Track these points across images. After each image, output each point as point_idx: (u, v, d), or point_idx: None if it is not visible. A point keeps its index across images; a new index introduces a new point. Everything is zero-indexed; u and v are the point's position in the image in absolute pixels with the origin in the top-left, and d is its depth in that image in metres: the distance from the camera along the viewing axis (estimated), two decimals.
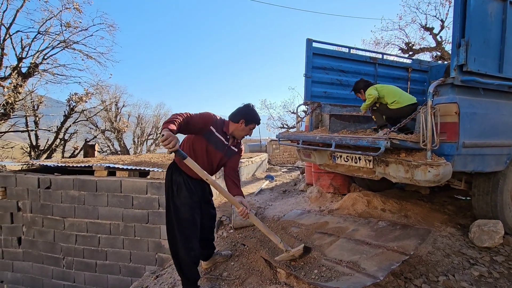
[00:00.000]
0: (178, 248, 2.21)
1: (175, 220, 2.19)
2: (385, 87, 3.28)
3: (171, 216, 2.21)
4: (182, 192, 2.18)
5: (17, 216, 4.26)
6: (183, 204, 2.19)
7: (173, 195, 2.20)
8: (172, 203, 2.20)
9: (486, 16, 2.18)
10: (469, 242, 2.58)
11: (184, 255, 2.21)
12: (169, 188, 2.23)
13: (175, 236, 2.20)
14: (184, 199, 2.18)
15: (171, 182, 2.21)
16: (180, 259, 2.23)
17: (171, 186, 2.22)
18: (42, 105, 10.69)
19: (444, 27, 10.89)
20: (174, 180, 2.20)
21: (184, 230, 2.20)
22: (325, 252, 2.43)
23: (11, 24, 8.62)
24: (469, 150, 2.20)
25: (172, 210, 2.21)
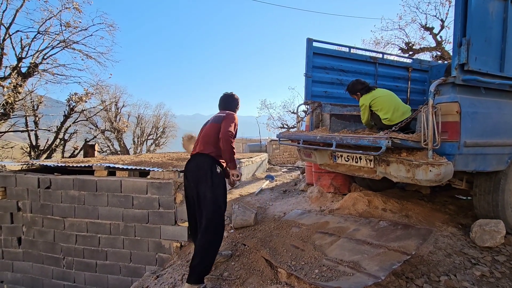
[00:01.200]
0: (220, 239, 2.45)
1: (225, 209, 2.50)
2: (379, 99, 3.12)
3: (225, 204, 2.50)
4: (225, 185, 2.53)
5: (17, 216, 4.25)
6: (226, 196, 2.56)
7: (225, 188, 2.49)
8: (225, 194, 2.50)
9: (487, 15, 2.17)
10: (470, 242, 2.58)
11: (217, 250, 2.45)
12: (224, 178, 2.53)
13: (223, 227, 2.48)
14: (226, 191, 2.55)
15: (223, 174, 2.52)
16: (215, 252, 2.41)
17: (223, 177, 2.52)
18: (42, 105, 10.68)
19: (444, 27, 10.89)
20: (223, 173, 2.53)
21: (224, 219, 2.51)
22: (326, 252, 2.43)
23: (11, 24, 8.62)
24: (471, 149, 2.20)
25: (224, 200, 2.50)
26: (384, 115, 3.06)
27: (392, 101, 3.11)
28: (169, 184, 3.64)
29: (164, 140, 23.34)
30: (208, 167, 2.39)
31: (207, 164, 2.41)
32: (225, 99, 2.82)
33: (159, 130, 23.10)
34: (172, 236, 3.62)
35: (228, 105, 2.79)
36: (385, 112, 3.06)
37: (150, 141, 22.55)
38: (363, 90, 3.29)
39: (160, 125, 23.28)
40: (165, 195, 3.65)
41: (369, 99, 3.16)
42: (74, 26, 9.54)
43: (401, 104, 3.12)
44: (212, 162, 2.43)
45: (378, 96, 3.14)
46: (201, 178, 2.38)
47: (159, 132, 23.02)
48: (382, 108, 3.08)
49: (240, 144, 16.66)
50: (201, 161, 2.44)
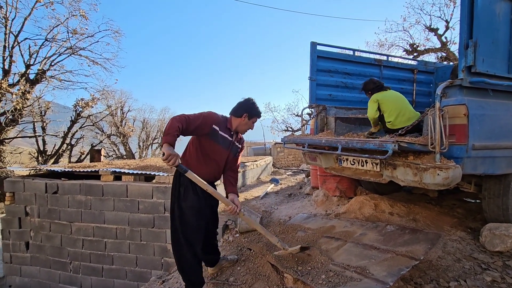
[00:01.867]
0: (182, 252, 2.19)
1: (180, 223, 2.17)
2: (386, 102, 3.08)
3: (176, 219, 2.19)
4: (189, 195, 2.15)
5: (25, 221, 4.30)
6: (188, 207, 2.16)
7: (179, 197, 2.16)
8: (178, 206, 2.17)
9: (494, 16, 2.15)
10: (480, 246, 2.53)
11: (189, 260, 2.20)
12: (175, 190, 2.19)
13: (179, 240, 2.18)
14: (190, 202, 2.15)
15: (179, 184, 2.17)
16: (184, 263, 2.22)
17: (178, 188, 2.17)
18: (49, 110, 10.86)
19: (449, 28, 10.82)
20: (182, 182, 2.15)
21: (188, 234, 2.17)
22: (332, 257, 2.40)
23: (19, 32, 8.81)
24: (479, 152, 2.16)
25: (177, 213, 2.18)
26: (387, 118, 3.05)
27: (400, 105, 3.06)
28: None
29: None
30: (176, 178, 2.24)
31: (176, 174, 2.25)
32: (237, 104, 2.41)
33: (160, 141, 23.30)
34: None
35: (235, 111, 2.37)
36: (388, 115, 3.04)
37: (155, 145, 22.72)
38: (374, 90, 3.27)
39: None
40: (170, 197, 3.66)
41: (379, 96, 3.14)
42: (80, 33, 9.73)
43: (408, 109, 3.05)
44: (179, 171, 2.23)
45: (387, 98, 3.11)
46: (171, 189, 2.29)
47: (160, 144, 23.22)
48: (387, 110, 3.06)
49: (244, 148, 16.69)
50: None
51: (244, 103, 2.32)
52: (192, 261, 2.20)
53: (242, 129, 2.38)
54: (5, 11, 8.34)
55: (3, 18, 8.34)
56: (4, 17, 8.34)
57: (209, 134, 2.16)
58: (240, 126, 2.34)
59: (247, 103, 2.32)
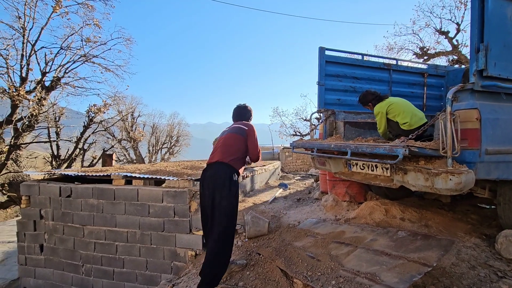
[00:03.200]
0: (230, 251, 2.46)
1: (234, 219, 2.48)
2: (394, 105, 3.08)
3: (229, 215, 2.42)
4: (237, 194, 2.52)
5: (40, 223, 4.41)
6: (236, 205, 2.53)
7: (237, 197, 2.50)
8: (230, 203, 2.43)
9: (505, 19, 2.12)
10: (495, 253, 2.46)
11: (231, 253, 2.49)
12: (238, 191, 2.51)
13: (232, 235, 2.47)
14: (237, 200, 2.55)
15: (239, 184, 2.54)
16: (227, 261, 2.42)
17: (239, 187, 2.54)
18: (63, 116, 11.17)
19: (460, 30, 10.66)
20: (234, 182, 2.48)
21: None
22: (342, 263, 2.38)
23: (36, 41, 9.13)
24: (493, 157, 2.12)
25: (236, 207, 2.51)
26: (403, 119, 3.00)
27: (409, 106, 3.07)
28: (184, 193, 3.69)
29: (178, 148, 23.79)
30: (227, 176, 2.43)
31: (227, 173, 2.45)
32: (239, 110, 2.93)
33: (173, 139, 23.60)
34: (187, 245, 3.65)
35: (243, 116, 2.91)
36: (404, 116, 3.00)
37: (164, 149, 23.03)
38: (375, 100, 3.27)
39: (174, 133, 23.80)
40: (180, 203, 3.71)
41: (385, 105, 3.12)
42: (94, 41, 10.02)
43: (416, 110, 3.09)
44: (231, 171, 2.48)
45: (394, 102, 3.11)
46: (218, 186, 2.40)
47: (173, 141, 23.52)
48: (400, 113, 3.03)
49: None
50: (220, 170, 2.47)
51: (249, 111, 2.95)
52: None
53: None
54: (23, 21, 8.68)
55: (21, 28, 8.67)
56: (22, 27, 8.68)
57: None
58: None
59: (251, 111, 2.97)
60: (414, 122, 2.97)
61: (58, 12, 8.91)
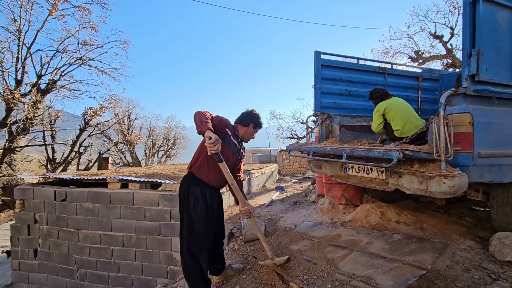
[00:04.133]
0: (189, 260, 2.20)
1: (188, 233, 2.18)
2: (392, 109, 3.02)
3: (184, 228, 2.20)
4: (199, 205, 2.16)
5: (34, 228, 4.37)
6: (198, 216, 2.17)
7: (189, 206, 2.17)
8: (187, 215, 2.18)
9: (497, 25, 2.16)
10: (489, 255, 2.48)
11: (195, 268, 2.21)
12: (184, 199, 2.20)
13: (185, 248, 2.20)
14: (200, 211, 2.17)
15: (188, 193, 2.18)
16: (190, 271, 2.22)
17: (187, 197, 2.18)
18: (59, 119, 11.09)
19: (454, 35, 10.80)
20: (192, 192, 2.17)
21: (197, 243, 2.19)
22: (338, 266, 2.38)
23: (32, 44, 9.09)
24: (485, 160, 2.15)
25: (185, 222, 2.19)
26: (395, 126, 2.98)
27: (407, 113, 3.00)
28: None
29: (175, 151, 23.71)
30: (186, 186, 2.22)
31: (186, 182, 2.23)
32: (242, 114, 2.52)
33: (170, 142, 23.53)
34: None
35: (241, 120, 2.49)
36: (396, 123, 2.97)
37: (161, 152, 22.93)
38: (378, 99, 3.24)
39: (171, 136, 23.73)
40: (176, 207, 3.69)
41: (384, 106, 3.07)
42: (90, 44, 10.00)
43: (415, 117, 3.00)
44: (190, 180, 2.24)
45: (393, 106, 3.05)
46: (180, 197, 2.28)
47: (170, 144, 23.44)
48: (394, 118, 3.00)
49: (250, 155, 16.70)
50: (182, 179, 2.31)
51: (250, 114, 2.44)
52: (198, 269, 2.21)
53: (247, 137, 2.49)
54: (19, 24, 8.64)
55: (17, 30, 8.63)
56: (18, 30, 8.64)
57: (222, 136, 2.17)
58: (246, 134, 2.45)
59: (253, 114, 2.44)
60: (406, 131, 2.89)
61: (54, 15, 8.89)
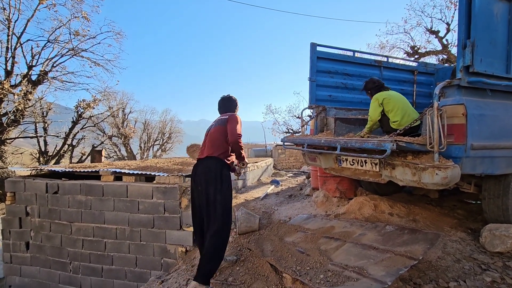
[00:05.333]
0: (226, 246, 2.48)
1: (226, 207, 2.44)
2: (391, 100, 3.00)
3: (218, 203, 2.40)
4: (229, 185, 2.52)
5: (26, 220, 4.31)
6: (230, 195, 2.53)
7: (223, 186, 2.43)
8: (222, 194, 2.41)
9: (492, 16, 2.15)
10: (480, 247, 2.52)
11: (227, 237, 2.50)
12: (216, 180, 2.42)
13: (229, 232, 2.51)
14: (230, 191, 2.53)
15: (221, 175, 2.44)
16: (226, 240, 2.45)
17: (220, 179, 2.43)
18: (51, 111, 10.91)
19: (450, 30, 10.82)
20: (225, 175, 2.48)
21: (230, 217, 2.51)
22: (331, 257, 2.40)
23: (22, 33, 8.86)
24: (478, 152, 2.16)
25: (223, 198, 2.42)
26: (394, 117, 2.94)
27: (405, 105, 2.99)
28: (175, 189, 3.65)
29: (170, 145, 23.57)
30: (218, 170, 2.43)
31: (217, 167, 2.44)
32: (224, 102, 2.88)
33: (165, 136, 23.35)
34: (177, 241, 3.62)
35: (228, 108, 2.85)
36: (395, 114, 2.93)
37: (156, 146, 22.77)
38: (374, 89, 3.21)
39: (166, 130, 23.55)
40: (170, 199, 3.67)
41: (383, 96, 3.03)
42: (82, 34, 9.78)
43: (412, 110, 3.00)
44: (221, 164, 2.47)
45: (392, 97, 3.02)
46: (211, 181, 2.39)
47: (165, 138, 23.27)
48: (393, 109, 2.95)
49: (245, 149, 16.68)
50: (210, 164, 2.45)
51: (234, 101, 2.91)
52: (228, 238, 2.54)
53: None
54: (8, 12, 8.40)
55: (6, 19, 8.40)
56: (7, 19, 8.40)
57: None
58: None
59: (236, 101, 2.92)
60: (404, 122, 2.87)
61: (45, 4, 8.67)
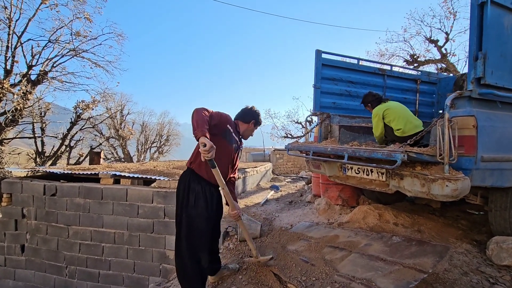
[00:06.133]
0: (186, 259, 2.13)
1: (187, 230, 2.10)
2: (392, 111, 3.06)
3: (183, 227, 2.12)
4: (199, 202, 2.10)
5: (21, 223, 4.21)
6: (198, 214, 2.10)
7: (188, 204, 2.10)
8: (186, 212, 2.10)
9: (502, 29, 2.16)
10: (487, 259, 2.49)
11: (192, 268, 2.14)
12: (184, 196, 2.12)
13: (184, 247, 2.12)
14: (200, 209, 2.10)
15: (188, 190, 2.10)
16: (187, 271, 2.15)
17: (187, 194, 2.10)
18: (49, 112, 10.79)
19: (449, 40, 10.95)
20: (192, 189, 2.10)
21: (195, 241, 2.12)
22: (337, 268, 2.35)
23: (23, 33, 8.78)
24: (488, 164, 2.15)
25: (184, 220, 2.11)
26: (396, 125, 3.02)
27: (405, 113, 3.09)
28: (175, 194, 3.59)
29: (167, 148, 23.45)
30: (186, 183, 2.15)
31: (186, 179, 2.17)
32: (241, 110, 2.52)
33: (163, 138, 23.25)
34: None
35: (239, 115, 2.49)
36: (397, 122, 3.01)
37: (153, 148, 22.64)
38: (374, 102, 3.30)
39: (164, 133, 23.45)
40: (170, 204, 3.62)
41: (382, 109, 3.13)
42: (84, 35, 9.72)
43: (413, 117, 3.10)
44: (190, 176, 2.17)
45: (391, 107, 3.12)
46: (179, 194, 2.21)
47: (163, 140, 23.16)
48: (395, 118, 3.04)
49: (244, 153, 16.63)
50: (181, 175, 2.25)
51: (251, 111, 2.43)
52: (195, 269, 2.15)
53: (247, 134, 2.49)
54: (9, 11, 8.34)
55: (7, 18, 8.32)
56: (8, 18, 8.33)
57: (223, 133, 2.15)
58: (247, 131, 2.46)
59: (255, 112, 2.44)
60: (408, 129, 2.97)
61: (47, 4, 8.61)
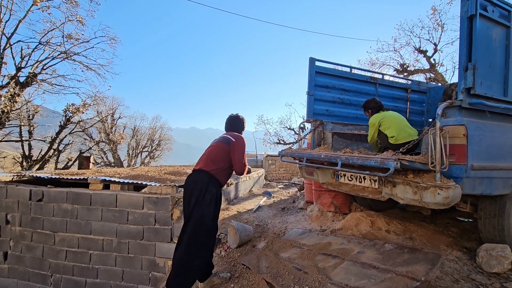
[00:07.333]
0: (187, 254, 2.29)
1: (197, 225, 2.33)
2: (387, 119, 3.19)
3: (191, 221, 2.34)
4: (212, 203, 2.41)
5: (5, 229, 4.06)
6: (210, 213, 2.40)
7: (203, 202, 2.35)
8: (200, 209, 2.35)
9: (491, 41, 2.22)
10: (477, 267, 2.51)
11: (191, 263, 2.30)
12: (200, 195, 2.36)
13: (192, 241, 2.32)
14: (212, 209, 2.42)
15: (205, 190, 2.38)
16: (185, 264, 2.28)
17: (203, 194, 2.36)
18: (38, 114, 10.55)
19: (437, 50, 11.27)
20: (210, 190, 2.40)
21: (203, 237, 2.37)
22: (330, 276, 2.33)
23: (13, 34, 8.63)
24: (477, 172, 2.18)
25: (196, 215, 2.34)
26: (390, 133, 3.11)
27: (401, 122, 3.19)
28: (166, 200, 3.53)
29: (159, 152, 23.16)
30: (204, 184, 2.39)
31: (204, 181, 2.40)
32: (231, 121, 2.88)
33: (155, 143, 22.97)
34: (168, 254, 3.47)
35: (235, 127, 2.85)
36: (391, 130, 3.11)
37: (145, 153, 22.33)
38: (374, 109, 3.41)
39: (156, 137, 23.19)
40: (161, 210, 3.54)
41: (379, 117, 3.25)
42: (76, 38, 9.61)
43: (408, 126, 3.19)
44: (209, 179, 2.43)
45: (388, 116, 3.23)
46: (194, 193, 2.37)
47: (154, 145, 22.88)
48: (390, 126, 3.14)
49: None
50: (199, 177, 2.44)
51: (241, 121, 2.90)
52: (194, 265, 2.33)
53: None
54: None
55: None
56: None
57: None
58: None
59: (243, 121, 2.91)
60: (401, 138, 3.06)
61: (39, 6, 8.50)
